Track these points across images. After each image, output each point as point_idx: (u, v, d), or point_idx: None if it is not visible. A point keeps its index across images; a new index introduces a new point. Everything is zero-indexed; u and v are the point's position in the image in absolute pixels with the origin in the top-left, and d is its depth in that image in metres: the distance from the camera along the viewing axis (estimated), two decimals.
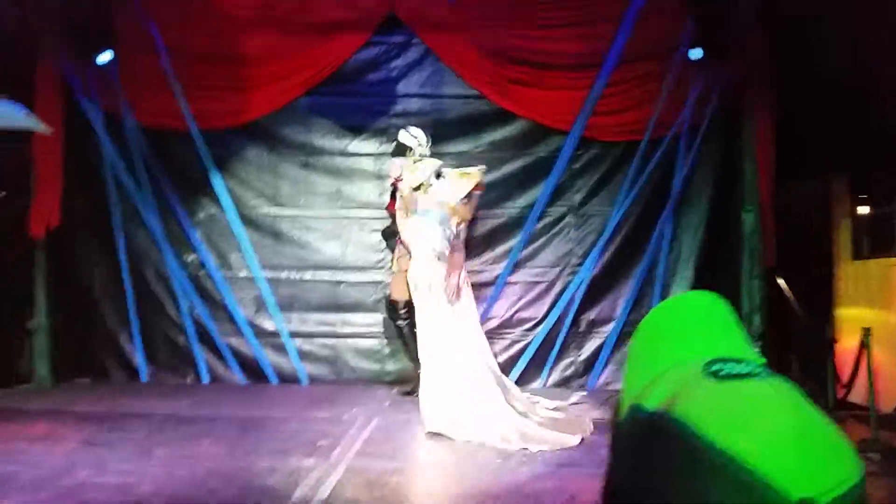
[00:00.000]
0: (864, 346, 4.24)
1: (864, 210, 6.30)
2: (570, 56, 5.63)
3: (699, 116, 5.62)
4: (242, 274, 5.61)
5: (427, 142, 5.08)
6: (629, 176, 5.68)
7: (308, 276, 5.66)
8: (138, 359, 5.61)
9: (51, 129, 4.99)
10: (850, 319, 5.89)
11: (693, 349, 0.66)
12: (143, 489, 2.69)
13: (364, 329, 5.62)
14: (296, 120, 5.74)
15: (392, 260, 5.10)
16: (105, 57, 5.48)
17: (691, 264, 5.70)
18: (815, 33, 5.11)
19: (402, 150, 5.05)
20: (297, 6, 5.61)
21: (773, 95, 5.60)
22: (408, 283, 4.55)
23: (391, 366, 5.55)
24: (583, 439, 3.77)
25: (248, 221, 5.63)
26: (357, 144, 5.84)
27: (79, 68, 5.54)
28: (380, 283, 5.68)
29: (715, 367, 0.60)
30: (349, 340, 5.59)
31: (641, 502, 0.58)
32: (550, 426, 4.01)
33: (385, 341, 5.26)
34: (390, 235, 5.39)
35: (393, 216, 5.08)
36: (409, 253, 4.67)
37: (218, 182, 5.66)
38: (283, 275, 5.66)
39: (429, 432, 3.81)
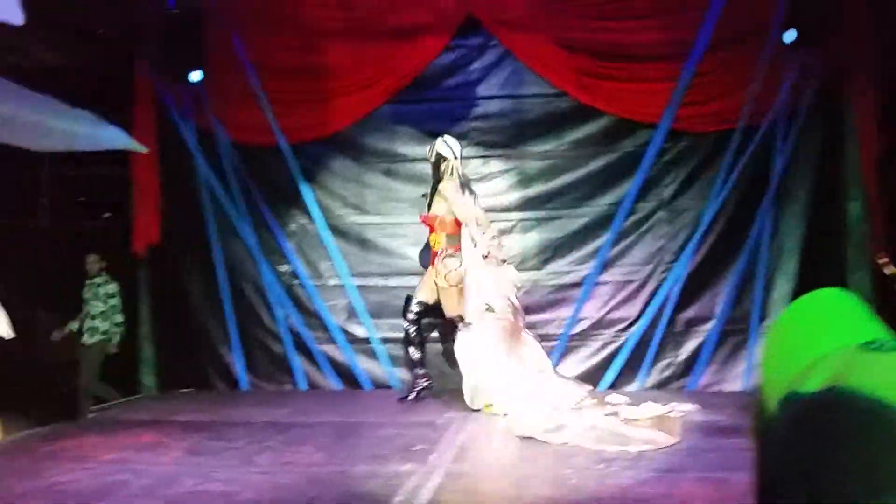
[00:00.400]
0: None
1: None
2: (655, 46, 5.45)
3: (796, 101, 5.32)
4: (333, 282, 5.70)
5: (461, 154, 5.13)
6: (723, 167, 5.43)
7: (394, 282, 5.68)
8: (238, 368, 5.79)
9: (147, 149, 5.23)
10: None
11: (840, 338, 0.65)
12: (246, 496, 2.74)
13: (453, 334, 5.57)
14: (378, 129, 5.80)
15: (436, 272, 4.97)
16: (196, 76, 5.69)
17: (795, 257, 5.39)
18: None
19: (437, 159, 5.07)
20: (377, 13, 5.68)
21: (876, 76, 5.25)
22: (458, 297, 4.82)
23: None
24: (680, 439, 3.63)
25: (337, 230, 5.72)
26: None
27: (171, 88, 5.79)
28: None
29: (874, 346, 0.60)
30: (437, 345, 5.59)
31: (812, 488, 0.55)
32: (644, 426, 3.90)
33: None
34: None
35: (428, 227, 5.12)
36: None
37: (307, 193, 5.78)
38: (372, 282, 5.72)
39: (521, 436, 3.77)
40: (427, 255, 5.23)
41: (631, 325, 5.48)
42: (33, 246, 5.78)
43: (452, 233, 4.97)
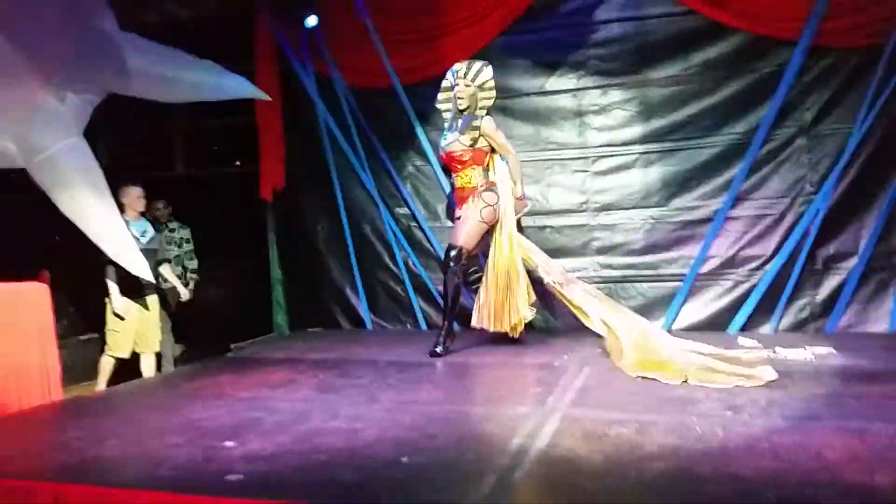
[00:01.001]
0: None
1: None
2: None
3: None
4: (449, 224, 5.71)
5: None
6: (871, 87, 4.92)
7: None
8: (362, 308, 6.00)
9: (269, 97, 5.40)
10: None
11: None
12: (369, 433, 2.84)
13: (574, 273, 5.47)
14: (492, 63, 5.62)
15: (475, 208, 4.68)
16: (312, 20, 5.76)
17: None
18: None
19: (481, 85, 4.83)
20: None
21: None
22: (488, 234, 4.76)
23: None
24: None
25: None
26: (554, 81, 5.62)
27: (290, 35, 5.89)
28: (584, 226, 5.52)
29: None
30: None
31: None
32: (737, 362, 3.86)
33: (592, 286, 5.04)
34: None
35: (459, 166, 4.79)
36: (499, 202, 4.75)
37: (422, 135, 5.78)
38: None
39: (638, 377, 3.70)
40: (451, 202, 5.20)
41: (766, 262, 5.14)
42: (171, 194, 6.16)
43: (487, 167, 4.83)
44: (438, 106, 5.00)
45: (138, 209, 5.02)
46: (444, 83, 4.90)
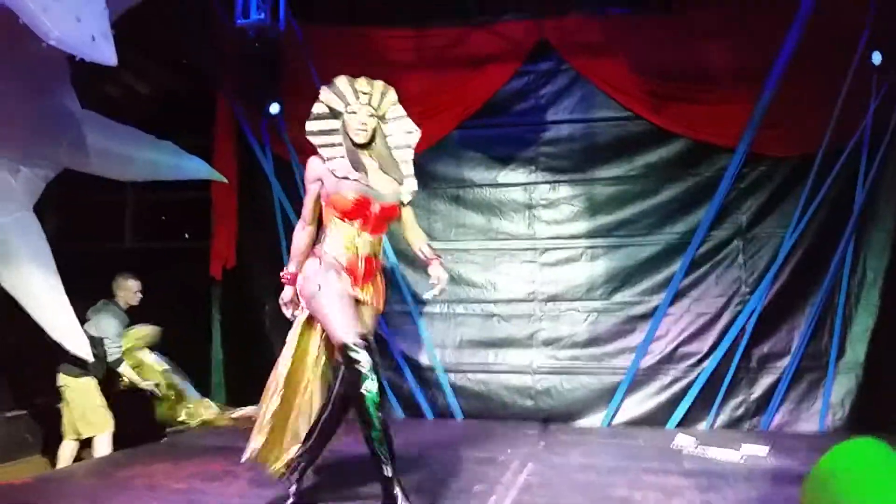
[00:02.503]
0: None
1: None
2: (733, 67, 5.28)
3: (883, 125, 5.07)
4: (398, 308, 5.76)
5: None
6: (804, 193, 5.22)
7: (460, 309, 5.70)
8: None
9: (227, 179, 5.46)
10: None
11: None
12: None
13: (517, 364, 5.56)
14: (446, 154, 5.84)
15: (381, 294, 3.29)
16: (275, 108, 5.87)
17: (876, 290, 5.14)
18: None
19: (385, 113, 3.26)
20: (450, 43, 5.74)
21: None
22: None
23: (547, 403, 5.45)
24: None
25: (403, 256, 5.76)
26: (506, 175, 5.83)
27: (250, 116, 5.99)
28: (531, 315, 5.63)
29: None
30: (502, 376, 5.56)
31: None
32: None
33: (539, 377, 5.14)
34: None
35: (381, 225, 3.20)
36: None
37: None
38: (437, 309, 5.74)
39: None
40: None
41: (702, 360, 5.31)
42: (118, 266, 6.08)
43: None
44: (315, 140, 3.13)
45: (132, 303, 4.97)
46: (329, 105, 3.15)
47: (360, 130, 3.13)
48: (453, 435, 4.80)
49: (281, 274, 3.28)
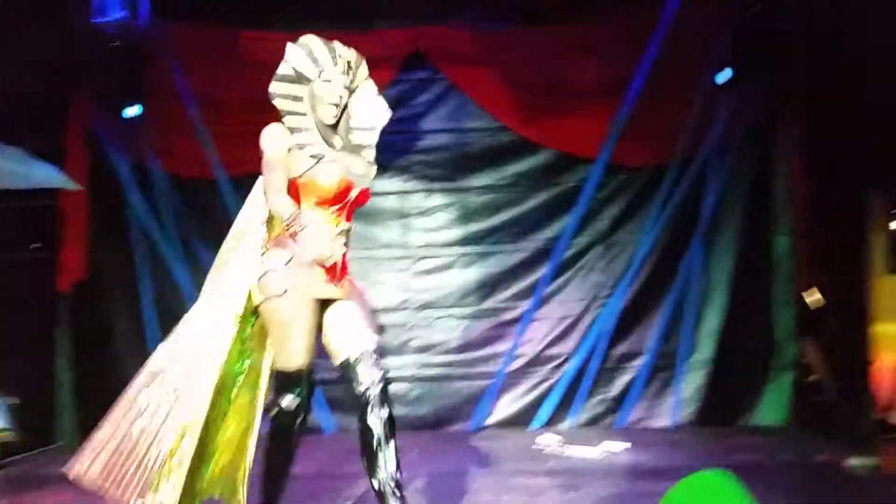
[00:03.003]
0: None
1: None
2: (597, 82, 5.55)
3: (729, 138, 5.51)
4: None
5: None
6: (657, 202, 5.57)
7: None
8: None
9: (79, 186, 5.11)
10: (887, 336, 5.75)
11: None
12: None
13: (391, 373, 5.57)
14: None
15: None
16: (133, 111, 5.56)
17: (723, 292, 5.56)
18: (848, 48, 4.93)
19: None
20: None
21: (805, 115, 5.46)
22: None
23: (420, 410, 5.53)
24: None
25: None
26: (381, 183, 5.80)
27: (107, 119, 5.64)
28: (405, 324, 5.67)
29: None
30: None
31: None
32: None
33: (412, 385, 5.20)
34: None
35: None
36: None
37: None
38: None
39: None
40: None
41: (566, 361, 5.56)
42: None
43: None
44: (280, 104, 2.74)
45: None
46: (298, 68, 2.73)
47: (333, 106, 2.66)
48: (326, 448, 4.74)
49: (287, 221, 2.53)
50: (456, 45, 5.66)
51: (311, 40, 2.70)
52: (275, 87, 2.74)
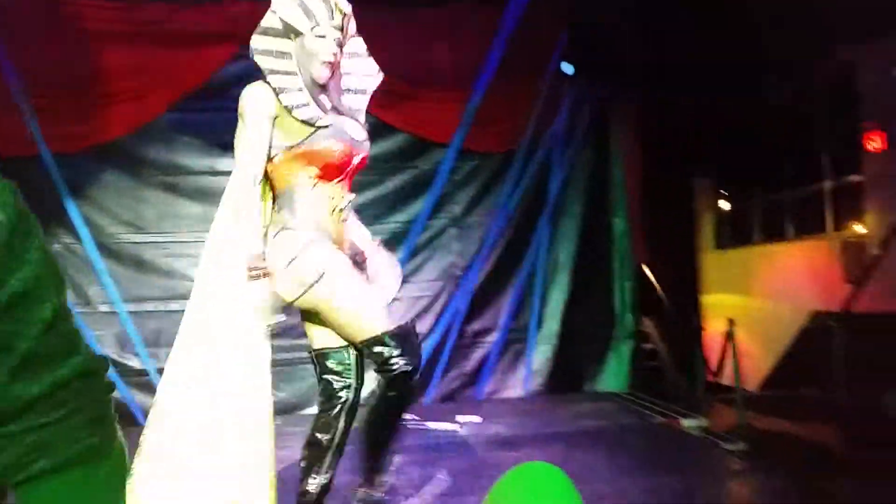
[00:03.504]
0: (730, 337, 4.50)
1: (724, 205, 6.94)
2: (447, 69, 5.64)
3: (571, 127, 5.84)
4: (103, 308, 5.20)
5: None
6: (507, 187, 5.77)
7: (176, 306, 5.30)
8: None
9: None
10: (716, 306, 6.37)
11: None
12: None
13: None
14: (158, 139, 5.40)
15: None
16: None
17: (567, 270, 5.89)
18: (677, 47, 5.36)
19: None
20: (160, 18, 5.28)
21: (640, 106, 5.88)
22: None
23: (274, 396, 5.32)
24: None
25: (108, 251, 5.23)
26: (226, 162, 5.55)
27: None
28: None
29: None
30: None
31: None
32: None
33: None
34: None
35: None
36: None
37: (73, 209, 5.22)
38: (149, 307, 5.28)
39: None
40: None
41: (423, 339, 5.61)
42: None
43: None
44: (263, 61, 2.44)
45: None
46: (287, 20, 2.41)
47: (328, 65, 2.36)
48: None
49: (249, 267, 2.30)
50: None
51: None
52: (257, 42, 2.42)
